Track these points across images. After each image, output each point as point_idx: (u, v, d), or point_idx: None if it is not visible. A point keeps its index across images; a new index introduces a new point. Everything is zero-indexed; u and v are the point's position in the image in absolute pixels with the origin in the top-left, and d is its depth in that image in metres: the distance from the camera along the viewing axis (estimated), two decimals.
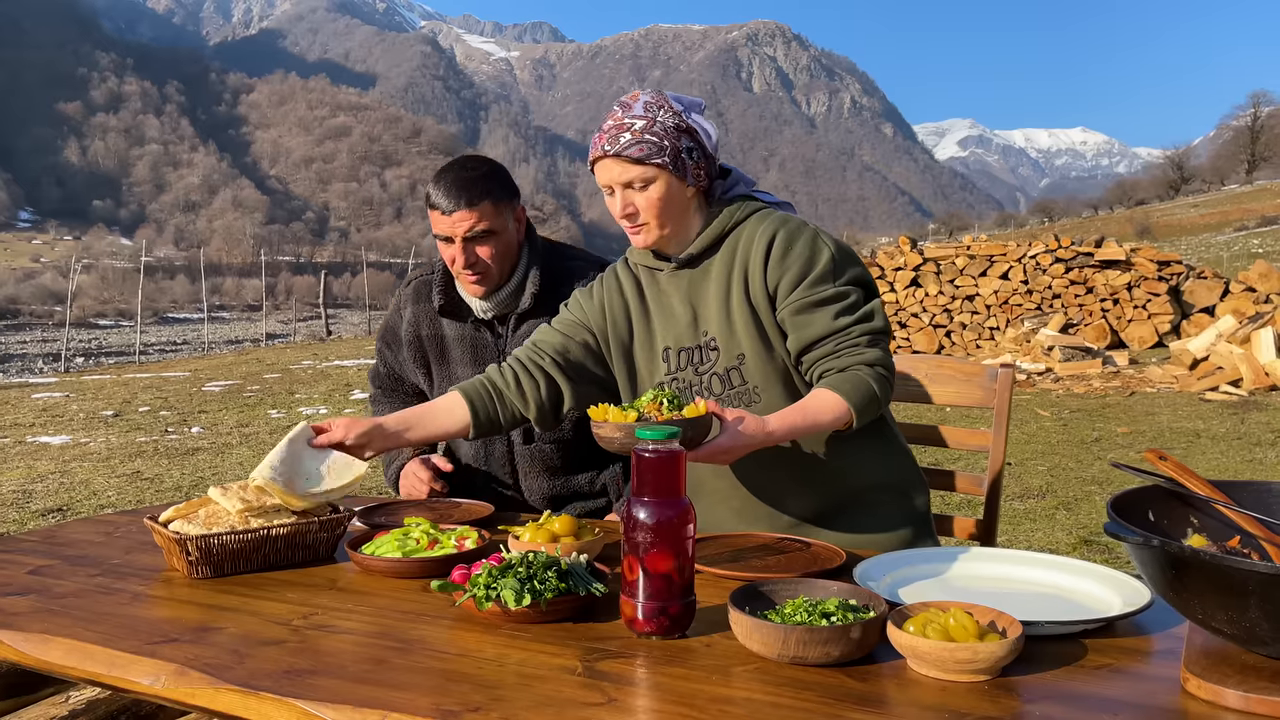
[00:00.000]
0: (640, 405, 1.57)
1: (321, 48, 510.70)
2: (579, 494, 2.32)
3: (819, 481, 1.83)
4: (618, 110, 1.79)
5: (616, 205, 1.78)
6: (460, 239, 2.11)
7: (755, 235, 1.78)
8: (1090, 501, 5.44)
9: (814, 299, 1.73)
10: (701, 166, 1.79)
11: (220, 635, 1.34)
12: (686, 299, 1.85)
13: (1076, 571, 1.47)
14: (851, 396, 1.68)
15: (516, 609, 1.31)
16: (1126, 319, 13.22)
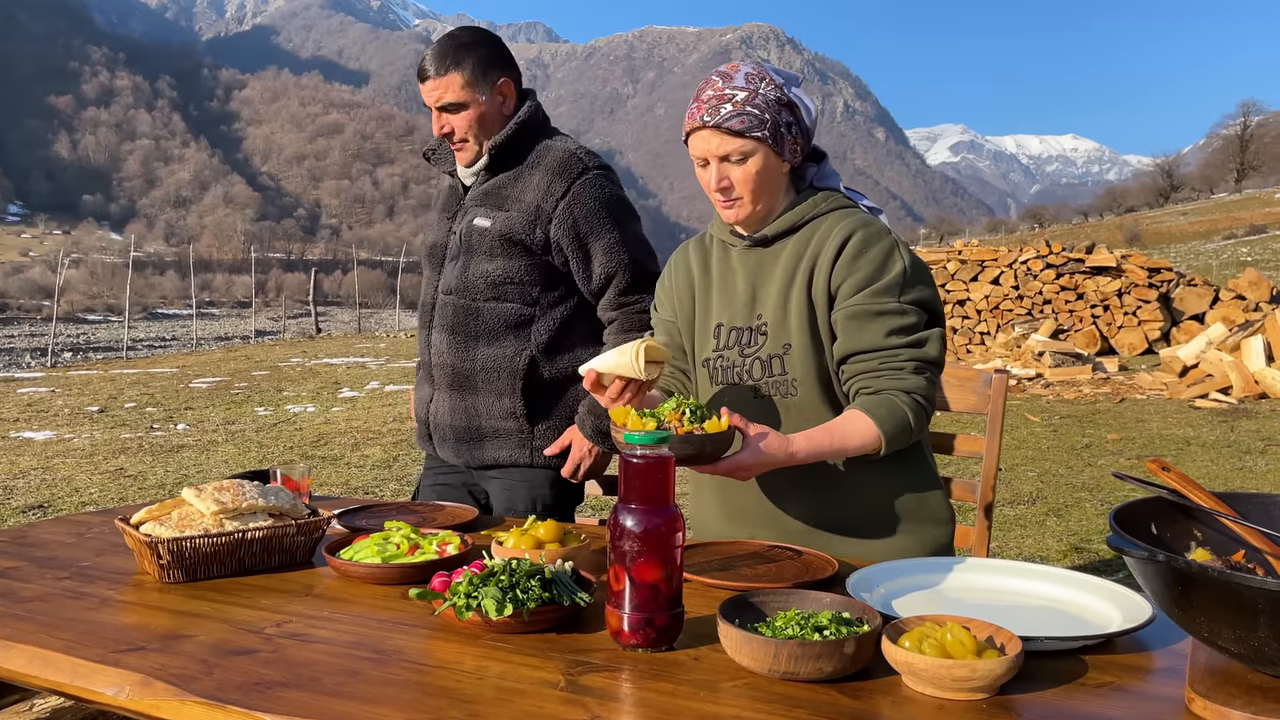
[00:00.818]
0: (661, 413, 1.53)
1: (315, 44, 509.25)
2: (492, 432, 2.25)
3: (832, 495, 1.76)
4: (717, 80, 1.71)
5: (711, 177, 1.72)
6: (434, 107, 2.18)
7: (833, 230, 1.72)
8: (1080, 508, 5.42)
9: (872, 309, 1.67)
10: (799, 142, 1.73)
11: (189, 644, 1.29)
12: (750, 278, 1.80)
13: (1074, 584, 1.43)
14: (885, 423, 1.62)
15: (498, 619, 1.26)
16: (1117, 325, 13.23)
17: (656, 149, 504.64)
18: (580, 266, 2.19)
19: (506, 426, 2.22)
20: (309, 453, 7.42)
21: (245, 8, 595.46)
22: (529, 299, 2.20)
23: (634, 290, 2.18)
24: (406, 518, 1.90)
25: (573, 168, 2.18)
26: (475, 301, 2.21)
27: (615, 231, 2.17)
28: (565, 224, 2.15)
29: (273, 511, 1.64)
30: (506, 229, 2.17)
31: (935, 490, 1.83)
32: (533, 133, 2.25)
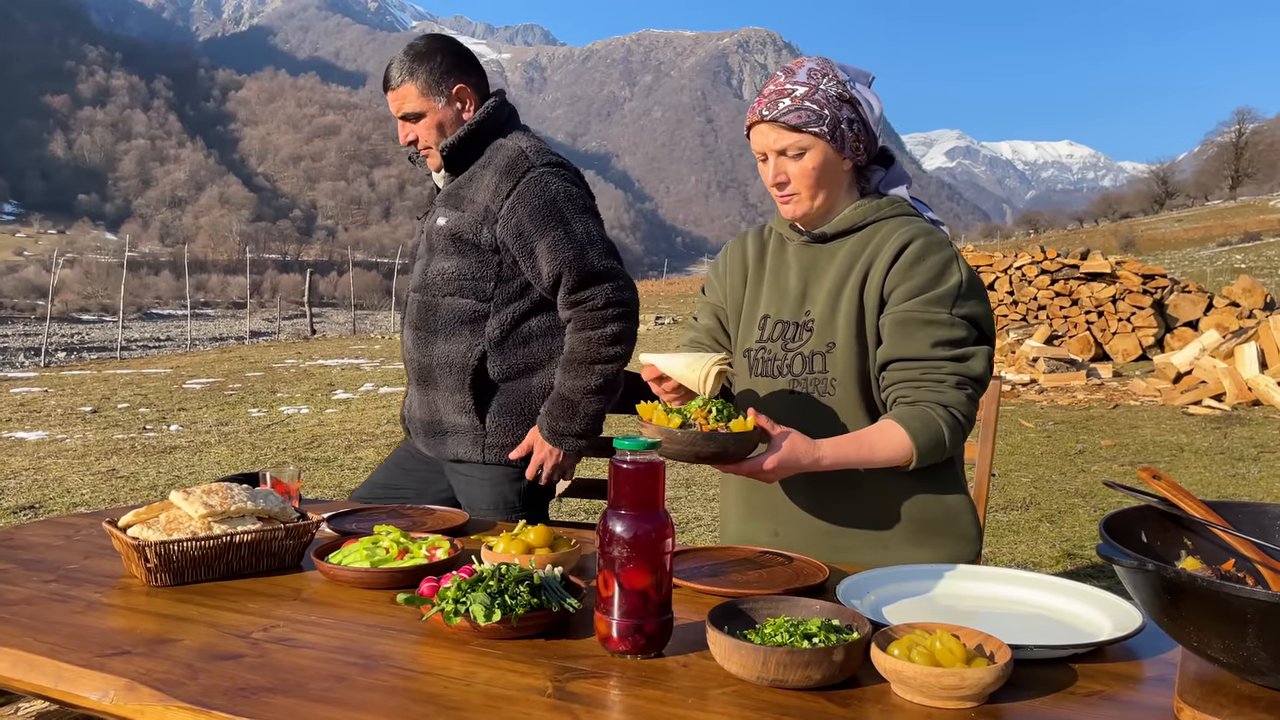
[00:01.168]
0: (688, 411, 1.53)
1: (312, 46, 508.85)
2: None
3: (858, 500, 1.74)
4: (780, 76, 1.72)
5: (769, 172, 1.72)
6: (397, 117, 2.28)
7: (893, 235, 1.71)
8: (1074, 514, 5.42)
9: (921, 317, 1.65)
10: (861, 140, 1.72)
11: (175, 648, 1.28)
12: (803, 274, 1.79)
13: (1065, 592, 1.43)
14: (918, 436, 1.60)
15: (486, 624, 1.25)
16: (1111, 331, 13.26)
17: (652, 152, 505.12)
18: (528, 266, 2.20)
19: (461, 422, 2.25)
20: (302, 455, 7.40)
21: (242, 8, 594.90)
22: (484, 295, 2.23)
23: (583, 287, 2.17)
24: (396, 522, 1.90)
25: (519, 166, 2.20)
26: (435, 298, 2.26)
27: (559, 230, 2.16)
28: (509, 224, 2.18)
29: (261, 515, 1.64)
30: (456, 228, 2.22)
31: (963, 506, 1.79)
32: (490, 132, 2.28)
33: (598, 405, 2.18)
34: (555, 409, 2.17)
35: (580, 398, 2.16)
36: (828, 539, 1.75)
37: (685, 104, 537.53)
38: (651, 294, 45.09)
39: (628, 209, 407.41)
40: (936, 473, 1.75)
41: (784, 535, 1.79)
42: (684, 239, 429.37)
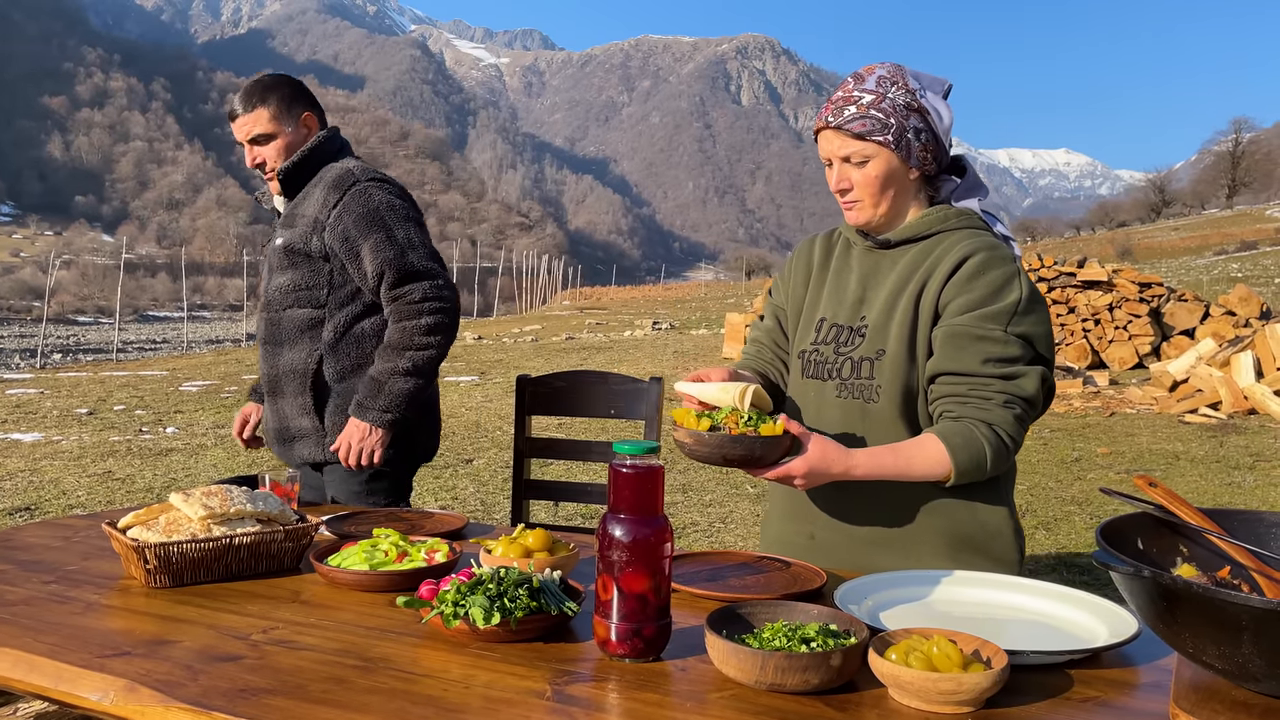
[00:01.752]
0: (718, 415, 1.54)
1: (310, 49, 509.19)
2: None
3: (899, 512, 1.70)
4: (849, 82, 1.70)
5: (833, 178, 1.72)
6: (245, 142, 2.43)
7: (955, 247, 1.68)
8: (1070, 522, 5.43)
9: (974, 332, 1.61)
10: (929, 149, 1.70)
11: (175, 649, 1.28)
12: (863, 279, 1.78)
13: (1061, 598, 1.43)
14: (958, 453, 1.58)
15: (485, 627, 1.26)
16: (1107, 339, 13.28)
17: (650, 158, 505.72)
18: (354, 268, 2.38)
19: (304, 425, 2.42)
20: None
21: (241, 11, 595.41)
22: (318, 302, 2.40)
23: (402, 283, 2.36)
24: (394, 525, 1.90)
25: (345, 181, 2.40)
26: (278, 312, 2.44)
27: (381, 233, 2.36)
28: (336, 231, 2.36)
29: (261, 517, 1.64)
30: (290, 241, 2.39)
31: (1004, 524, 1.73)
32: (324, 158, 2.48)
33: (404, 386, 2.33)
34: (364, 389, 2.34)
35: (388, 378, 2.32)
36: (861, 546, 1.73)
37: (683, 110, 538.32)
38: (649, 299, 45.10)
39: (625, 214, 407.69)
40: (983, 490, 1.70)
41: (820, 539, 1.78)
42: (681, 245, 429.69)
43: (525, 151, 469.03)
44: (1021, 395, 1.61)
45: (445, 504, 5.90)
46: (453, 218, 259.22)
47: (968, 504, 1.70)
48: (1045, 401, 1.67)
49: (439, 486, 6.38)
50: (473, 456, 7.44)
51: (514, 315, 40.90)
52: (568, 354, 16.89)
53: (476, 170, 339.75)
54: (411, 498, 6.07)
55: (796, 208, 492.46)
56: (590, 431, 8.32)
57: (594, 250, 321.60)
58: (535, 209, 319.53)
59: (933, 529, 1.70)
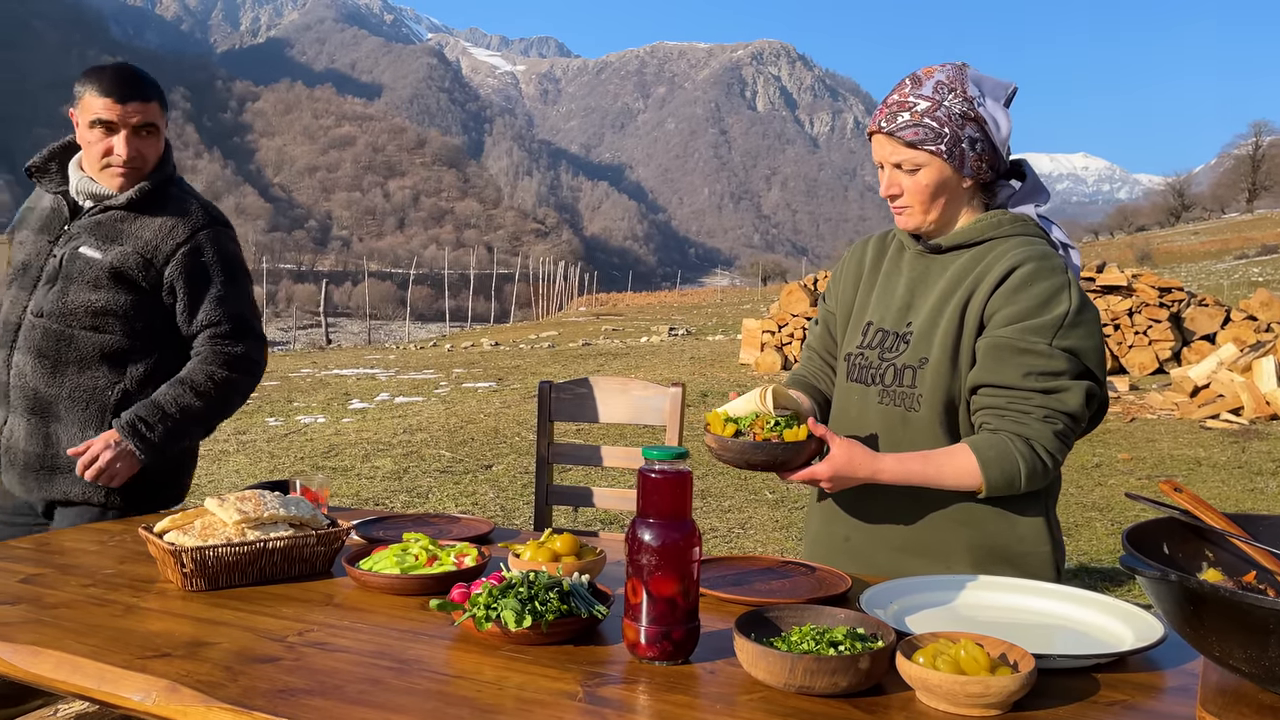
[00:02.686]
0: (744, 421, 1.58)
1: (328, 57, 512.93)
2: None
3: (934, 524, 1.69)
4: (906, 85, 1.68)
5: (884, 183, 1.71)
6: (127, 126, 2.18)
7: (1005, 255, 1.66)
8: (1090, 528, 5.41)
9: (1018, 344, 1.59)
10: (984, 159, 1.68)
11: (213, 651, 1.31)
12: (911, 284, 1.77)
13: (1086, 603, 1.44)
14: (990, 467, 1.57)
15: (517, 630, 1.28)
16: (1128, 345, 13.21)
17: (666, 164, 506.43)
18: (185, 308, 2.24)
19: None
20: (320, 463, 7.45)
21: (260, 21, 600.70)
22: (130, 332, 2.22)
23: (231, 337, 2.26)
24: (423, 529, 1.93)
25: (200, 219, 2.27)
26: (71, 328, 2.19)
27: (229, 284, 2.27)
28: (180, 268, 2.22)
29: (293, 522, 1.67)
30: (119, 263, 2.19)
31: (1044, 542, 1.70)
32: (172, 176, 2.33)
33: (187, 426, 2.20)
34: (145, 409, 2.16)
35: (176, 410, 2.18)
36: (894, 552, 1.73)
37: (699, 116, 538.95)
38: (665, 305, 45.11)
39: (641, 220, 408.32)
40: (1025, 507, 1.68)
41: (854, 541, 1.78)
42: (697, 250, 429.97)
43: (541, 158, 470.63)
44: (1063, 410, 1.58)
45: (465, 509, 5.93)
46: (469, 225, 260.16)
47: (1004, 515, 1.68)
48: (1097, 416, 1.64)
49: (459, 492, 6.42)
50: (492, 462, 7.47)
51: (530, 321, 41.02)
52: (584, 360, 16.93)
53: (493, 177, 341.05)
54: (433, 504, 6.11)
55: (812, 213, 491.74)
56: (608, 438, 8.35)
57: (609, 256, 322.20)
58: (551, 215, 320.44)
59: (967, 539, 1.69)
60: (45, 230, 2.30)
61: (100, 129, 2.18)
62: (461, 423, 9.49)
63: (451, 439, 8.52)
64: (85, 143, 2.22)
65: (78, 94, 2.20)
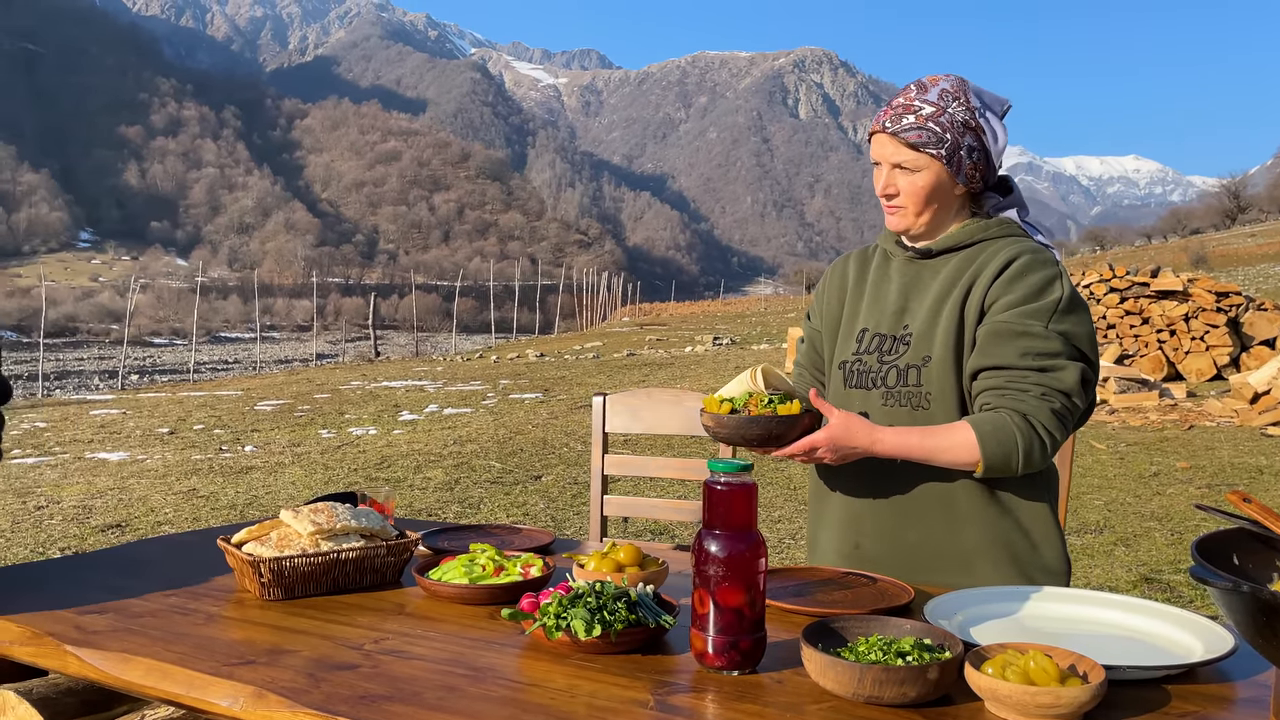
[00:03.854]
0: (739, 400, 1.61)
1: (374, 74, 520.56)
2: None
3: (941, 525, 1.73)
4: (912, 90, 1.75)
5: (880, 181, 1.76)
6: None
7: (998, 251, 1.74)
8: (1150, 538, 5.32)
9: (1015, 328, 1.65)
10: (978, 168, 1.75)
11: (294, 658, 1.36)
12: (904, 289, 1.82)
13: (1152, 614, 1.44)
14: (987, 441, 1.60)
15: (586, 639, 1.31)
16: (1184, 350, 12.94)
17: (708, 173, 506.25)
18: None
19: None
20: (373, 475, 7.57)
21: (307, 39, 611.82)
22: None
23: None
24: (488, 540, 1.97)
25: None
26: None
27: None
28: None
29: (364, 533, 1.72)
30: None
31: (1053, 539, 1.78)
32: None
33: None
34: None
35: None
36: (906, 557, 1.76)
37: (741, 125, 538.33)
38: (708, 314, 45.03)
39: (683, 229, 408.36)
40: (1028, 501, 1.75)
41: (865, 548, 1.81)
42: (740, 259, 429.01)
43: (583, 170, 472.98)
44: (1060, 389, 1.63)
45: (516, 519, 5.99)
46: (513, 237, 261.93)
47: (1017, 516, 1.74)
48: (1088, 403, 1.68)
49: (510, 503, 6.48)
50: (540, 473, 7.53)
51: (575, 332, 41.21)
52: (629, 370, 16.98)
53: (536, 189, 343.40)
54: (485, 514, 6.17)
55: (856, 220, 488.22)
56: (655, 448, 8.37)
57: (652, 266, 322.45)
58: (594, 226, 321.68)
59: (977, 541, 1.73)
60: None
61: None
62: (510, 434, 9.57)
63: (501, 450, 8.60)
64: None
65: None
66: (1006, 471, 1.63)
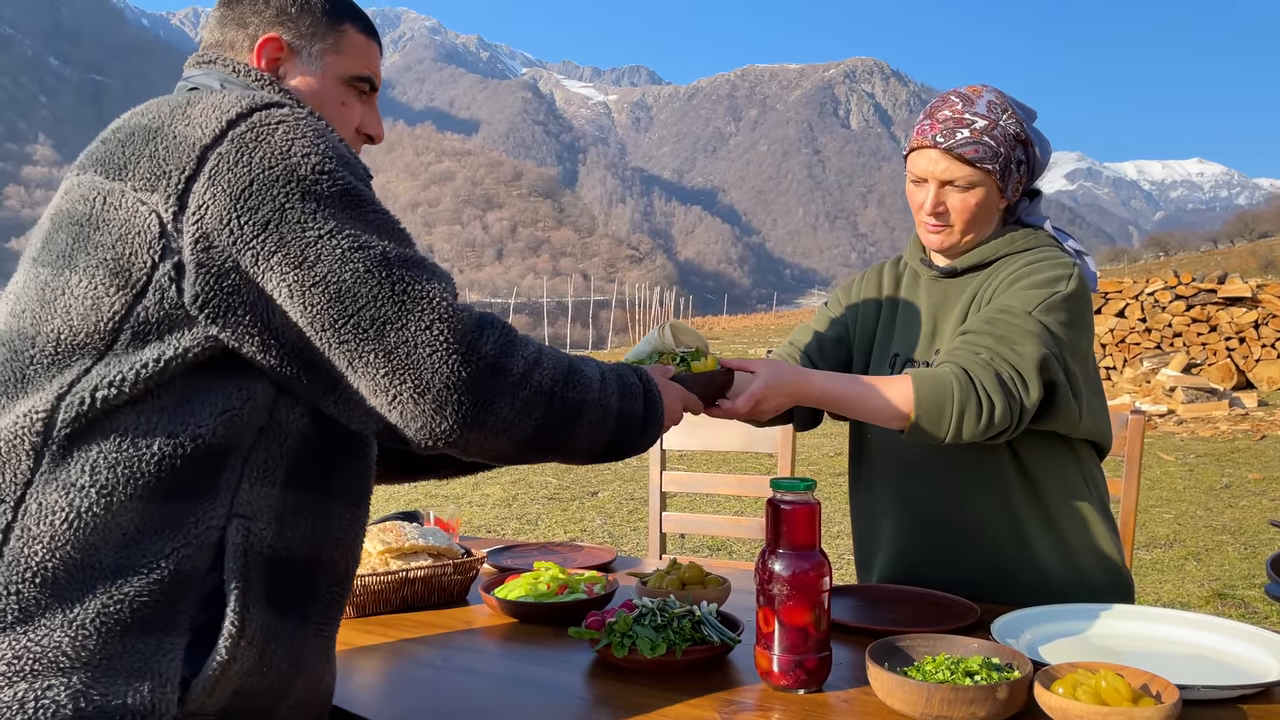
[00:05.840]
0: (649, 360, 1.50)
1: (428, 96, 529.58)
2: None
3: (1004, 550, 1.70)
4: (956, 102, 1.66)
5: (927, 199, 1.67)
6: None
7: (1018, 263, 1.67)
8: (1221, 552, 5.17)
9: (995, 306, 1.58)
10: (1023, 181, 1.70)
11: (368, 675, 1.39)
12: (933, 311, 1.77)
13: (1226, 631, 1.41)
14: (922, 386, 1.48)
15: (653, 657, 1.33)
16: (1254, 358, 12.57)
17: (759, 186, 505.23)
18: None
19: None
20: (432, 491, 7.67)
21: None
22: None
23: None
24: (551, 557, 2.00)
25: None
26: None
27: None
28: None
29: (431, 551, 1.75)
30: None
31: (1113, 554, 1.73)
32: None
33: None
34: None
35: None
36: (965, 577, 1.73)
37: (791, 136, 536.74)
38: (761, 327, 44.84)
39: (735, 242, 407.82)
40: (1088, 528, 1.70)
41: (920, 573, 1.77)
42: (792, 271, 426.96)
43: (634, 185, 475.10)
44: (1010, 360, 1.49)
45: (573, 535, 6.03)
46: (565, 253, 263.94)
47: (1079, 542, 1.70)
48: (1041, 398, 1.51)
49: (567, 519, 6.52)
50: (597, 489, 7.57)
51: (627, 347, 41.24)
52: None
53: (587, 206, 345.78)
54: (542, 531, 6.22)
55: (909, 229, 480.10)
56: (710, 464, 8.36)
57: (704, 280, 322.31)
58: (645, 241, 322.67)
59: (1040, 569, 1.69)
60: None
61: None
62: None
63: (556, 466, 8.66)
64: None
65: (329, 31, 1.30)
66: (937, 429, 1.48)
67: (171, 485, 1.02)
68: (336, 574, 1.15)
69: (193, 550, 1.01)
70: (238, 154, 1.03)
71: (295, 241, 1.02)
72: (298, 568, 1.09)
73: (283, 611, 1.07)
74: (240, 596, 1.02)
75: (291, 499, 1.08)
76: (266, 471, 1.07)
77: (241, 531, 1.03)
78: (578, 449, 1.18)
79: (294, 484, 1.09)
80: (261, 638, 1.04)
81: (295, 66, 1.28)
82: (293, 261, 1.02)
